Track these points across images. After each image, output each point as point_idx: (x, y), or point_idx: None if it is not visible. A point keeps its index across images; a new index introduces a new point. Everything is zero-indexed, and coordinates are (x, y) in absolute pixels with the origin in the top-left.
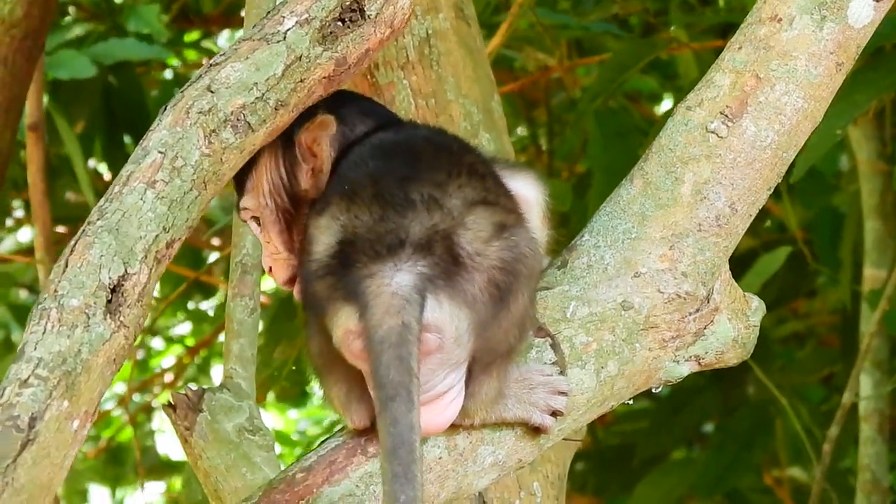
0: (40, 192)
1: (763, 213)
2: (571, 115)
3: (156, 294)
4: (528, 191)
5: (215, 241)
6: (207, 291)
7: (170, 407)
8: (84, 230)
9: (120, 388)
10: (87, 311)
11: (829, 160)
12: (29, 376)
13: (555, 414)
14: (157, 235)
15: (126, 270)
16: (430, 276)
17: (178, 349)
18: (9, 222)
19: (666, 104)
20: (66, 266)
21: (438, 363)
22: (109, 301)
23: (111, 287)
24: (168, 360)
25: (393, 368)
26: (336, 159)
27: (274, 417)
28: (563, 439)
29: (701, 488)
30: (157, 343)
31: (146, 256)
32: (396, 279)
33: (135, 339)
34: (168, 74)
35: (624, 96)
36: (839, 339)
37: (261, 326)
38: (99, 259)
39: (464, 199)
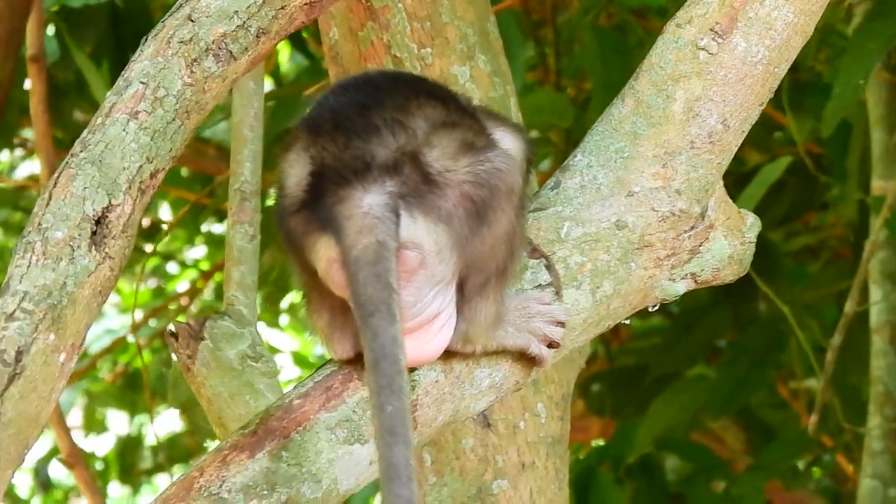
0: (43, 122)
1: (772, 125)
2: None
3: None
4: (507, 144)
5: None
6: (221, 215)
7: (172, 336)
8: (67, 162)
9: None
10: (71, 243)
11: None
12: (14, 310)
13: (551, 345)
14: (140, 166)
15: (110, 202)
16: (401, 193)
17: (193, 273)
18: (20, 151)
19: None
20: (50, 199)
21: (424, 280)
22: (94, 233)
23: (95, 219)
24: (183, 285)
25: (370, 285)
26: None
27: (291, 339)
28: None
29: (712, 406)
30: (172, 267)
31: (130, 187)
32: (366, 200)
33: (120, 271)
34: None
35: (631, 12)
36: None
37: None
38: (83, 191)
39: (425, 118)
